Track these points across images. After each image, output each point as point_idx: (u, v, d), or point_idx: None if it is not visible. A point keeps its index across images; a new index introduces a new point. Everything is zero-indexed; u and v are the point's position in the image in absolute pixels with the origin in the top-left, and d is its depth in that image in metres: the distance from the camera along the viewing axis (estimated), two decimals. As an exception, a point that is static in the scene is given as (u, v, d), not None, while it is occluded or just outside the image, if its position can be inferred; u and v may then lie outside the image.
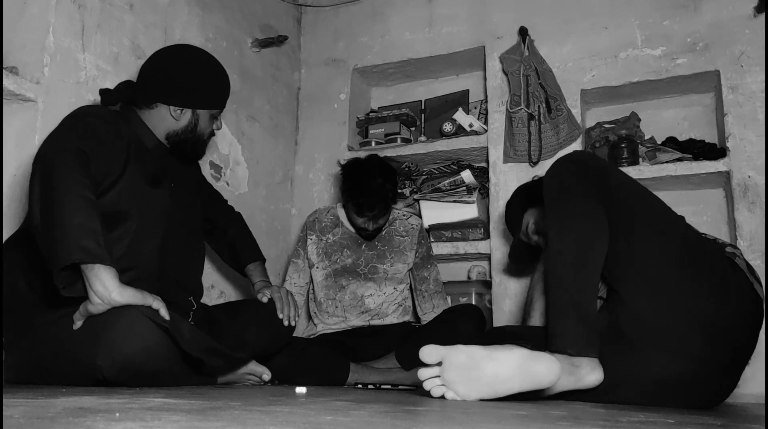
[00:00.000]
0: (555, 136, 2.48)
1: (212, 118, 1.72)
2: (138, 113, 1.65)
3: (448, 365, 1.21)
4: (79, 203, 1.29)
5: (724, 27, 2.34)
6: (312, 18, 3.06)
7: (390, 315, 2.34)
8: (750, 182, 2.22)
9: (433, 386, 1.23)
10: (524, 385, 1.20)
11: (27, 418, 0.72)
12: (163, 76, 1.65)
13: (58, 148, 1.36)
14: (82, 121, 1.46)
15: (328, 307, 2.31)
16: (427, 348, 1.23)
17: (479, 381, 1.20)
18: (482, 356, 1.21)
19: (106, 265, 1.28)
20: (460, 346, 1.22)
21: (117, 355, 1.29)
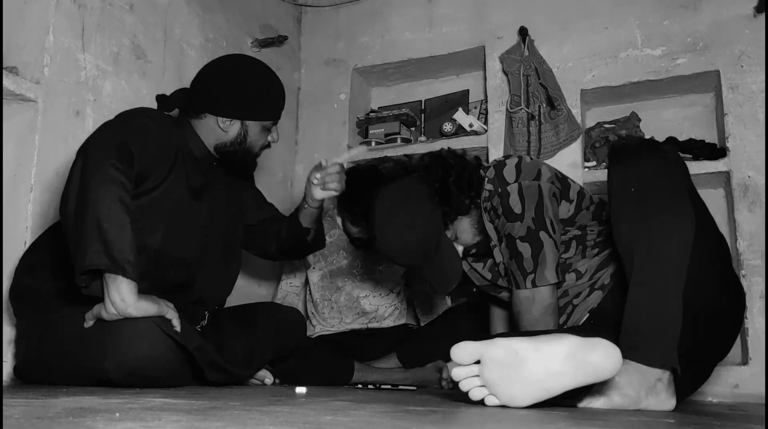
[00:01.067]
0: (555, 136, 2.48)
1: (264, 129, 1.68)
2: (190, 122, 1.64)
3: (488, 364, 1.06)
4: (115, 207, 1.27)
5: (724, 27, 2.34)
6: (312, 18, 3.06)
7: (387, 318, 2.35)
8: (750, 182, 2.22)
9: (472, 387, 1.07)
10: (580, 378, 1.04)
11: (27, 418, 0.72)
12: (212, 86, 1.63)
13: (104, 140, 1.35)
14: (136, 118, 1.47)
15: (323, 308, 2.31)
16: (460, 345, 1.07)
17: (526, 380, 1.04)
18: (526, 349, 1.05)
19: (129, 279, 1.28)
20: (498, 340, 1.07)
21: (124, 359, 1.30)
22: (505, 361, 1.05)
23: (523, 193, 1.54)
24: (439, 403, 1.22)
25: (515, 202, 1.55)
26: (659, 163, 1.27)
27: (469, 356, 1.06)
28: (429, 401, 1.27)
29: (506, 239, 1.58)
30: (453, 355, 1.07)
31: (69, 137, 1.76)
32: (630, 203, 1.25)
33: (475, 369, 1.07)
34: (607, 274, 1.58)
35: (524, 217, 1.53)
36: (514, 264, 1.56)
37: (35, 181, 1.67)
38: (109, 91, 1.93)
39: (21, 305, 1.50)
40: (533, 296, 1.54)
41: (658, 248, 1.20)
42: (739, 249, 2.20)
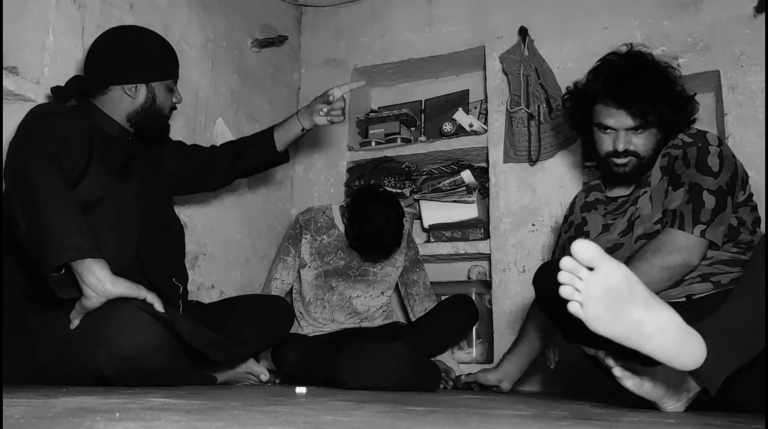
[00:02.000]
0: (555, 136, 2.48)
1: (168, 90, 1.70)
2: (95, 103, 1.63)
3: (601, 278, 1.01)
4: (62, 205, 1.29)
5: (724, 27, 2.34)
6: (312, 18, 3.06)
7: (378, 318, 2.36)
8: (750, 182, 2.21)
9: (569, 289, 1.02)
10: (659, 351, 1.03)
11: (27, 418, 0.72)
12: (110, 58, 1.63)
13: (31, 156, 1.35)
14: (45, 121, 1.45)
15: (315, 307, 2.31)
16: (586, 243, 1.00)
17: (621, 316, 1.01)
18: (640, 295, 1.02)
19: (97, 259, 1.28)
20: (624, 266, 1.03)
21: (116, 350, 1.29)
22: (617, 287, 1.01)
23: (723, 158, 1.55)
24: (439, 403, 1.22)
25: (714, 161, 1.54)
26: None
27: (590, 258, 1.00)
28: (429, 401, 1.27)
29: (690, 187, 1.54)
30: (575, 246, 1.00)
31: (69, 137, 1.76)
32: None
33: (583, 272, 1.01)
34: (728, 276, 1.53)
35: (719, 176, 1.53)
36: (690, 208, 1.51)
37: (35, 181, 1.66)
38: (109, 91, 1.92)
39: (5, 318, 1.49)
40: (690, 246, 1.49)
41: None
42: (739, 249, 2.20)
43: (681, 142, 1.62)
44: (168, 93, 1.69)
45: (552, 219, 2.46)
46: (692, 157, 1.57)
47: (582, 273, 1.01)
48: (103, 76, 1.62)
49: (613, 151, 1.65)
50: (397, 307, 2.67)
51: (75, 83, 1.65)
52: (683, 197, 1.54)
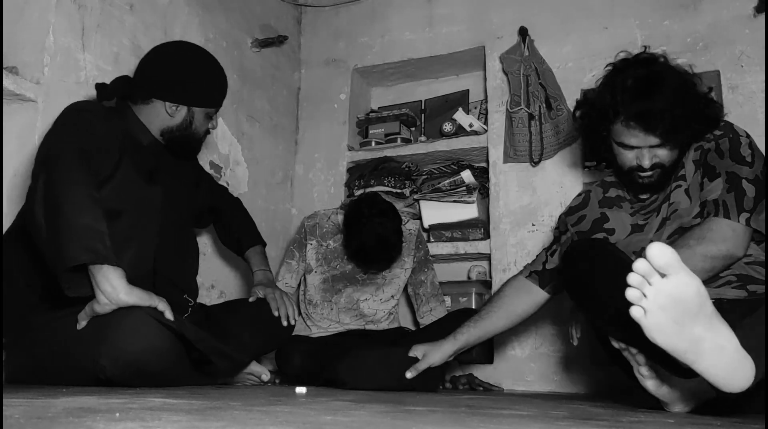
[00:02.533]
0: (555, 135, 2.48)
1: (207, 116, 1.72)
2: (133, 109, 1.65)
3: (672, 287, 0.98)
4: (86, 203, 1.29)
5: (724, 27, 2.34)
6: (312, 18, 3.06)
7: (383, 322, 2.35)
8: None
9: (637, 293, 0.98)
10: (711, 370, 1.01)
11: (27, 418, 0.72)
12: (160, 71, 1.65)
13: (61, 148, 1.36)
14: (80, 117, 1.47)
15: (323, 309, 2.31)
16: (664, 248, 0.97)
17: (683, 329, 0.99)
18: (706, 311, 1.00)
19: (114, 266, 1.28)
20: (698, 281, 0.99)
21: (121, 354, 1.30)
22: (687, 301, 0.97)
23: (753, 148, 1.54)
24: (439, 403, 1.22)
25: (746, 151, 1.53)
26: None
27: (666, 265, 0.97)
28: (429, 401, 1.27)
29: (728, 176, 1.51)
30: (651, 250, 0.96)
31: (69, 137, 1.76)
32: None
33: (655, 278, 0.97)
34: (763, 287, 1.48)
35: (754, 165, 1.51)
36: (732, 197, 1.48)
37: (35, 181, 1.67)
38: (109, 91, 1.93)
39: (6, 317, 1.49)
40: (736, 233, 1.45)
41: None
42: (739, 249, 2.19)
43: (712, 135, 1.59)
44: (206, 119, 1.72)
45: (552, 219, 2.46)
46: (725, 148, 1.54)
47: (653, 278, 0.98)
48: (149, 87, 1.64)
49: (638, 167, 1.59)
50: (404, 310, 2.66)
51: (120, 84, 1.67)
52: (723, 187, 1.50)
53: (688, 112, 1.54)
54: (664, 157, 1.57)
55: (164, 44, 1.74)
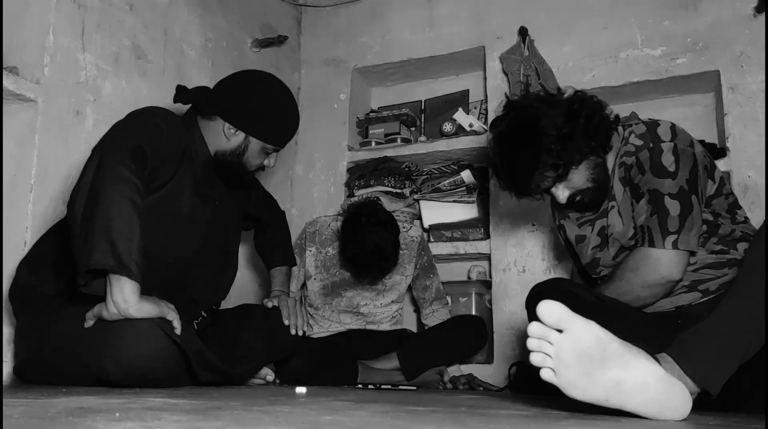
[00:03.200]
0: (555, 136, 2.48)
1: (264, 152, 1.67)
2: (199, 122, 1.65)
3: (571, 342, 0.95)
4: (126, 207, 1.28)
5: (724, 27, 2.34)
6: (312, 18, 3.06)
7: (384, 323, 2.35)
8: (750, 182, 2.22)
9: (539, 351, 0.96)
10: (643, 408, 0.97)
11: (27, 418, 0.72)
12: (233, 92, 1.64)
13: (120, 142, 1.37)
14: (150, 120, 1.48)
15: (324, 312, 2.32)
16: (552, 304, 0.95)
17: (596, 380, 0.95)
18: (614, 354, 0.96)
19: (132, 280, 1.28)
20: (595, 325, 0.96)
21: (124, 359, 1.30)
22: (588, 349, 0.94)
23: (678, 153, 1.47)
24: (439, 403, 1.22)
25: (669, 160, 1.47)
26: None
27: (557, 321, 0.94)
28: (429, 401, 1.27)
29: (649, 195, 1.48)
30: (540, 309, 0.94)
31: (69, 137, 1.76)
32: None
33: (553, 336, 0.95)
34: (716, 282, 1.50)
35: (677, 175, 1.45)
36: (656, 220, 1.45)
37: (35, 181, 1.67)
38: (109, 91, 1.93)
39: (20, 304, 1.50)
40: (665, 259, 1.43)
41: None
42: (739, 249, 2.19)
43: (633, 146, 1.54)
44: (261, 154, 1.67)
45: (552, 219, 2.46)
46: (645, 161, 1.50)
47: (552, 337, 0.95)
48: (217, 103, 1.63)
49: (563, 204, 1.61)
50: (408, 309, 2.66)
51: (199, 93, 1.67)
52: (646, 209, 1.48)
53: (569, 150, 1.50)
54: (575, 183, 1.55)
55: (253, 71, 1.73)
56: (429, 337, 2.27)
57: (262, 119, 1.64)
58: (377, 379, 2.09)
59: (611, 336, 0.97)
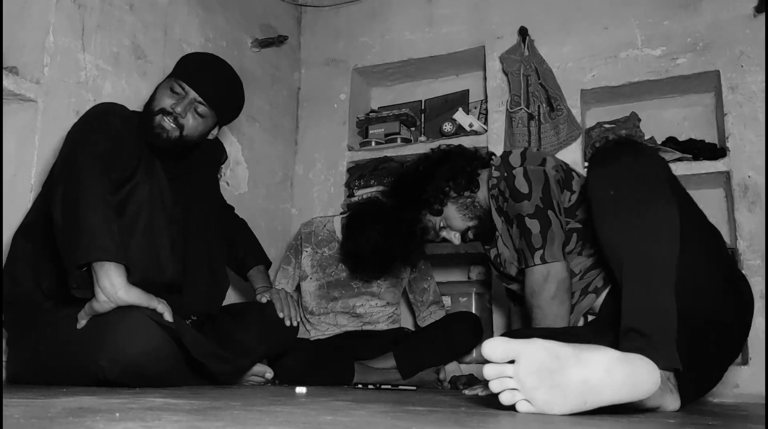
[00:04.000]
0: (555, 135, 2.48)
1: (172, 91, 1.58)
2: None
3: (526, 365, 0.95)
4: (100, 206, 1.32)
5: (724, 27, 2.34)
6: (312, 18, 3.06)
7: (381, 323, 2.35)
8: (750, 182, 2.22)
9: (504, 390, 0.97)
10: (618, 394, 0.98)
11: (27, 418, 0.72)
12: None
13: (84, 152, 1.39)
14: (105, 120, 1.49)
15: (319, 315, 2.32)
16: (493, 341, 0.96)
17: (565, 389, 0.95)
18: (567, 356, 0.96)
19: (118, 264, 1.29)
20: (537, 341, 0.97)
21: (120, 355, 1.30)
22: (544, 364, 0.95)
23: (529, 175, 1.61)
24: (439, 403, 1.22)
25: (522, 184, 1.60)
26: (635, 162, 1.24)
27: (504, 353, 0.95)
28: (429, 401, 1.27)
29: (516, 220, 1.62)
30: (485, 351, 0.96)
31: (69, 137, 1.76)
32: (611, 207, 1.22)
33: (508, 369, 0.96)
34: (599, 277, 1.58)
35: (532, 196, 1.58)
36: (524, 242, 1.59)
37: (35, 181, 1.67)
38: (109, 91, 1.93)
39: (8, 314, 1.49)
40: (547, 272, 1.55)
41: (645, 249, 1.18)
42: (739, 249, 2.20)
43: (495, 179, 1.71)
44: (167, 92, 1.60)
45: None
46: (504, 189, 1.65)
47: (507, 370, 0.96)
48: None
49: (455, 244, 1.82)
50: (405, 310, 2.66)
51: None
52: (517, 234, 1.62)
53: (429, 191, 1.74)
54: (457, 225, 1.77)
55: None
56: (424, 336, 2.28)
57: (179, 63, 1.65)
58: (374, 379, 2.09)
59: (557, 343, 0.98)
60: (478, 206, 1.76)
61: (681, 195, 1.33)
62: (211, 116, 1.62)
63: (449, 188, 1.75)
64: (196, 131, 1.61)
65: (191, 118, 1.58)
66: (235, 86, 1.70)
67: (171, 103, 1.56)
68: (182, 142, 1.59)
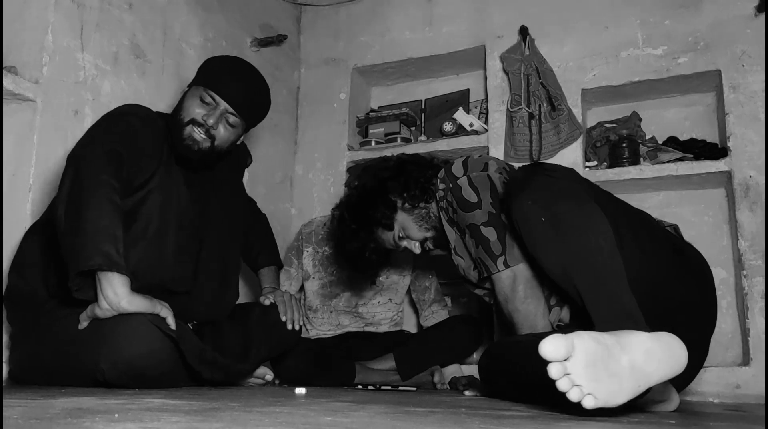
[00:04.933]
0: (556, 135, 2.47)
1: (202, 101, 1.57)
2: None
3: (580, 359, 0.95)
4: (105, 207, 1.29)
5: (725, 26, 2.33)
6: (312, 17, 3.05)
7: (383, 325, 2.35)
8: (751, 182, 2.22)
9: (571, 387, 0.95)
10: (662, 372, 1.01)
11: (26, 418, 0.72)
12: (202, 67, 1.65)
13: (94, 148, 1.37)
14: (123, 120, 1.47)
15: (323, 314, 2.31)
16: (552, 340, 0.94)
17: (620, 376, 0.97)
18: (612, 343, 0.98)
19: (121, 274, 1.28)
20: (585, 333, 0.97)
21: (120, 358, 1.30)
22: (596, 355, 0.96)
23: (474, 183, 1.58)
24: (439, 404, 1.22)
25: (469, 193, 1.58)
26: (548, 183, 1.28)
27: (565, 350, 0.94)
28: (429, 402, 1.27)
29: (469, 230, 1.59)
30: (545, 351, 0.94)
31: (68, 137, 1.76)
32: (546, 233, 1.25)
33: (567, 366, 0.95)
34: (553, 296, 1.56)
35: (482, 204, 1.56)
36: (482, 251, 1.56)
37: (34, 181, 1.66)
38: (108, 91, 1.92)
39: (13, 309, 1.50)
40: (514, 274, 1.52)
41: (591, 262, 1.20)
42: (740, 249, 2.19)
43: (441, 191, 1.69)
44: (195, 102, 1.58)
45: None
46: (452, 200, 1.62)
47: (568, 367, 0.95)
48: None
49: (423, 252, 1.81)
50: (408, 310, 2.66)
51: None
52: (473, 244, 1.60)
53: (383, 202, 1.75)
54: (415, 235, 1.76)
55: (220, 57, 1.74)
56: (425, 338, 2.28)
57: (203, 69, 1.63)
58: (374, 379, 2.09)
59: (596, 333, 0.99)
60: (434, 217, 1.75)
61: (598, 194, 1.37)
62: (242, 125, 1.63)
63: (403, 201, 1.74)
64: (227, 142, 1.61)
65: (222, 129, 1.58)
66: (264, 92, 1.69)
67: (202, 114, 1.55)
68: (214, 152, 1.59)
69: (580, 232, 1.21)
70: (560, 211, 1.24)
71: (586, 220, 1.23)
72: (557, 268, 1.27)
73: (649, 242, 1.39)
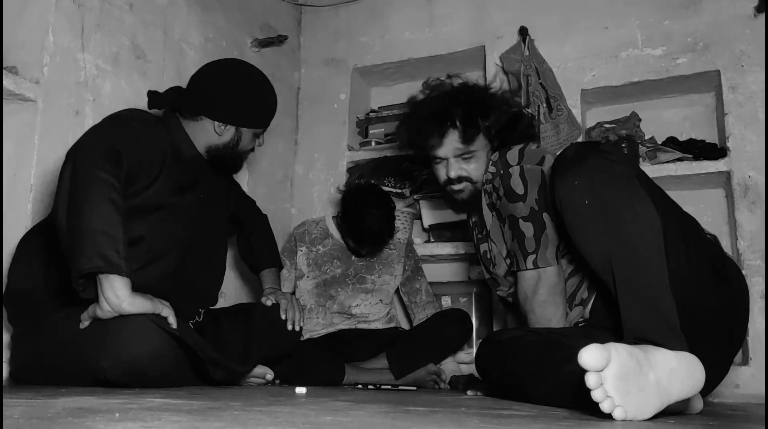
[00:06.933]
0: (555, 135, 2.48)
1: (255, 136, 1.75)
2: (181, 121, 1.67)
3: (617, 371, 0.94)
4: (105, 208, 1.29)
5: (725, 27, 2.34)
6: (312, 17, 3.06)
7: (375, 322, 2.36)
8: (750, 182, 2.22)
9: (605, 398, 0.94)
10: (683, 391, 1.02)
11: (26, 418, 0.72)
12: (211, 90, 1.67)
13: (92, 145, 1.37)
14: (123, 122, 1.49)
15: (317, 314, 2.33)
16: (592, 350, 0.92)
17: (646, 391, 0.96)
18: (640, 356, 0.97)
19: (122, 276, 1.29)
20: (619, 345, 0.96)
21: (121, 357, 1.30)
22: (629, 369, 0.95)
23: (525, 175, 1.56)
24: (439, 404, 1.22)
25: (517, 183, 1.56)
26: (602, 165, 1.22)
27: (604, 360, 0.92)
28: (429, 401, 1.27)
29: (508, 220, 1.58)
30: (584, 360, 0.92)
31: (68, 137, 1.76)
32: (588, 216, 1.21)
33: (604, 376, 0.94)
34: (584, 288, 1.54)
35: (527, 197, 1.54)
36: (516, 244, 1.55)
37: (35, 181, 1.67)
38: (109, 91, 1.92)
39: (14, 309, 1.50)
40: (539, 276, 1.51)
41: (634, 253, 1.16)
42: (739, 249, 2.19)
43: (490, 174, 1.67)
44: (253, 138, 1.75)
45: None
46: (499, 187, 1.60)
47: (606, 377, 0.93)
48: (199, 105, 1.66)
49: (447, 179, 1.77)
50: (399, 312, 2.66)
51: (173, 95, 1.69)
52: (510, 235, 1.59)
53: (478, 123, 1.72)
54: (470, 169, 1.73)
55: (217, 61, 1.77)
56: (415, 335, 2.28)
57: (250, 109, 1.71)
58: (366, 379, 2.09)
59: (629, 346, 0.97)
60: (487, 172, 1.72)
61: (652, 188, 1.33)
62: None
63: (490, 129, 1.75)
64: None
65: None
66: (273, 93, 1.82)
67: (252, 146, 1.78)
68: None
69: (629, 223, 1.16)
70: (610, 196, 1.18)
71: (638, 212, 1.17)
72: (597, 256, 1.22)
73: (695, 253, 1.34)
